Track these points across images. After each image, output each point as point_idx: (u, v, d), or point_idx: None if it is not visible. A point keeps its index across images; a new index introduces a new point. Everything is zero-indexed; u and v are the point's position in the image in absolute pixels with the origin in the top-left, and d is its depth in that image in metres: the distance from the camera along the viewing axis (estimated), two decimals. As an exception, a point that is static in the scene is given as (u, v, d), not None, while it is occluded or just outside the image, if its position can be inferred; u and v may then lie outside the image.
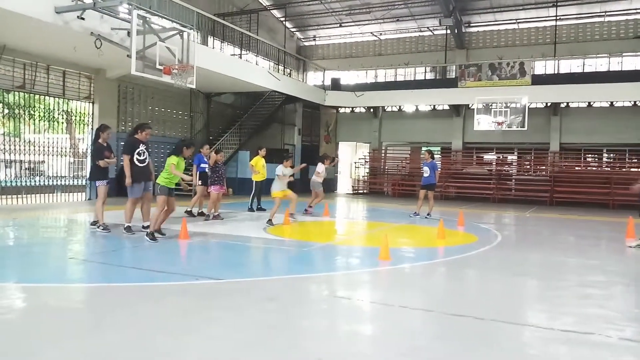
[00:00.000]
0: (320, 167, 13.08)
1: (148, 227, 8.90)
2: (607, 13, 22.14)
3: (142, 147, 8.60)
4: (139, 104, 17.72)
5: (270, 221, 10.26)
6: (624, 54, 21.50)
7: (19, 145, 13.99)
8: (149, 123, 11.46)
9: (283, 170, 10.88)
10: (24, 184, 14.10)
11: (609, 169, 21.83)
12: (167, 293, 5.08)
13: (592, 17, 22.51)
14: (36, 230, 9.59)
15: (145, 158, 8.65)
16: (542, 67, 22.76)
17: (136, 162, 8.44)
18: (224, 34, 20.43)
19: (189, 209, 11.52)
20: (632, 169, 21.91)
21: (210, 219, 10.89)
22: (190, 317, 4.23)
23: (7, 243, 7.95)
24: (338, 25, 25.91)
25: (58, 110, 15.02)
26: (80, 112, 15.54)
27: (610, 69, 21.80)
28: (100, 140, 8.92)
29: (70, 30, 11.11)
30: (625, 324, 4.38)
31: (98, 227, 8.71)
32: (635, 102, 21.12)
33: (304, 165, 14.26)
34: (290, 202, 11.22)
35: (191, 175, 10.84)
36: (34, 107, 14.40)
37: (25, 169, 14.46)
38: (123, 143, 9.00)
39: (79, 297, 5.09)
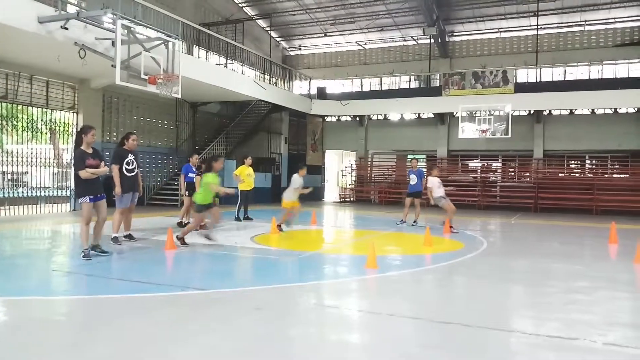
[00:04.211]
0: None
1: (128, 236, 8.88)
2: (587, 22, 22.59)
3: (130, 157, 8.62)
4: (124, 113, 17.61)
5: (280, 227, 10.76)
6: (603, 63, 21.95)
7: (1, 157, 13.80)
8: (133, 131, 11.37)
9: (298, 180, 10.93)
10: (6, 195, 13.89)
11: (591, 175, 22.15)
12: (155, 304, 5.03)
13: (572, 26, 22.97)
14: (19, 242, 9.45)
15: (134, 168, 8.65)
16: (525, 75, 23.11)
17: (125, 172, 8.43)
18: (209, 43, 20.43)
19: (179, 220, 11.45)
20: (614, 175, 22.27)
21: (198, 229, 10.80)
22: (178, 328, 4.20)
23: (-11, 256, 7.82)
24: (323, 34, 26.08)
25: (42, 120, 14.87)
26: (64, 123, 15.40)
27: (591, 77, 22.21)
28: (83, 147, 7.17)
29: (54, 40, 11.03)
30: (608, 329, 4.44)
31: (96, 252, 7.39)
32: (615, 109, 21.51)
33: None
34: (293, 214, 11.10)
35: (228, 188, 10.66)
36: (17, 117, 14.24)
37: (8, 180, 14.25)
38: (112, 153, 8.77)
39: (64, 310, 5.03)
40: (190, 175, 11.31)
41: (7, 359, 3.52)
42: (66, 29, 10.93)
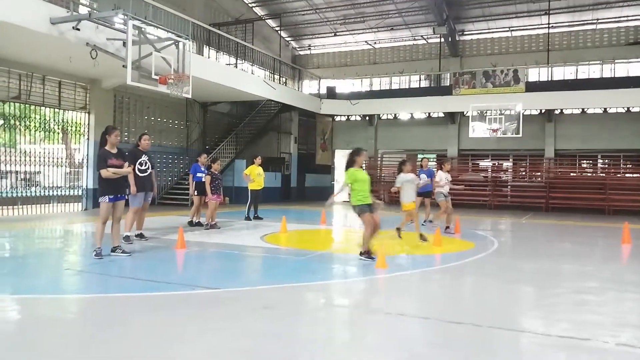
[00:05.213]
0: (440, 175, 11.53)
1: (140, 235, 8.94)
2: (598, 21, 22.36)
3: (144, 158, 8.74)
4: (134, 113, 17.72)
5: (399, 230, 9.86)
6: (616, 61, 21.70)
7: (15, 156, 13.95)
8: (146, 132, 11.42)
9: (403, 178, 9.64)
10: (19, 194, 14.05)
11: (603, 174, 21.92)
12: (164, 303, 5.07)
13: (584, 24, 22.73)
14: (32, 241, 9.55)
15: (147, 168, 8.75)
16: (536, 74, 22.91)
17: (137, 172, 8.49)
18: (219, 43, 20.48)
19: (190, 219, 11.52)
20: (627, 175, 22.03)
21: (208, 228, 10.87)
22: (187, 326, 4.23)
23: (2, 254, 7.91)
24: (333, 34, 26.06)
25: (54, 120, 15.02)
26: (76, 123, 15.53)
27: (603, 76, 21.97)
28: (107, 147, 7.25)
29: (66, 41, 11.12)
30: (620, 330, 4.40)
31: (115, 251, 7.38)
32: (628, 108, 21.27)
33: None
34: (414, 218, 9.86)
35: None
36: (30, 117, 14.39)
37: (21, 179, 14.41)
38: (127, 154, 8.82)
39: (75, 308, 5.08)
40: (199, 175, 11.36)
41: (18, 356, 3.56)
42: (78, 29, 11.02)
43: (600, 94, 19.60)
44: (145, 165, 8.72)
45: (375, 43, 26.78)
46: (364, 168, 7.55)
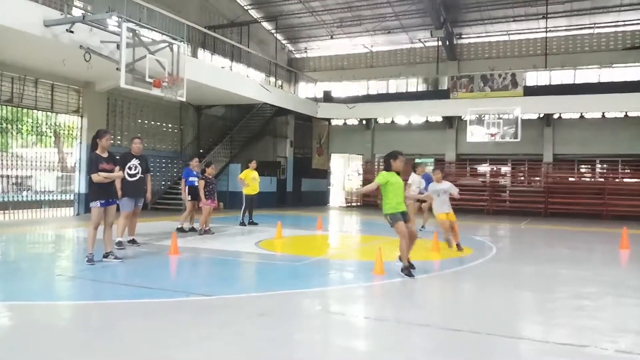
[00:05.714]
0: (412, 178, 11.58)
1: (132, 241, 8.77)
2: (596, 25, 22.36)
3: (133, 162, 8.51)
4: (128, 117, 17.56)
5: (457, 245, 9.25)
6: (613, 65, 21.68)
7: (6, 160, 13.77)
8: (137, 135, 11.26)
9: (436, 187, 9.32)
10: (10, 199, 13.86)
11: (602, 179, 21.87)
12: (158, 310, 4.95)
13: (582, 29, 22.75)
14: (23, 246, 9.39)
15: (137, 172, 8.52)
16: (534, 78, 22.86)
17: (126, 177, 8.31)
18: (214, 46, 20.41)
19: (179, 225, 11.32)
20: (625, 180, 21.99)
21: (201, 234, 10.71)
22: (181, 333, 4.12)
23: (-9, 260, 7.75)
24: (329, 37, 26.00)
25: (46, 124, 14.85)
26: (68, 126, 15.37)
27: (601, 80, 21.94)
28: (98, 151, 7.12)
29: (59, 44, 11.01)
30: (619, 336, 4.34)
31: (108, 257, 7.26)
32: (626, 112, 21.24)
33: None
34: (452, 231, 9.40)
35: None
36: (22, 121, 14.22)
37: (13, 183, 14.24)
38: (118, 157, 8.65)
39: (67, 315, 4.96)
40: (192, 179, 11.18)
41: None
42: (72, 32, 10.92)
43: (598, 98, 19.55)
44: (134, 170, 8.49)
45: (372, 46, 26.73)
46: (400, 174, 6.94)
